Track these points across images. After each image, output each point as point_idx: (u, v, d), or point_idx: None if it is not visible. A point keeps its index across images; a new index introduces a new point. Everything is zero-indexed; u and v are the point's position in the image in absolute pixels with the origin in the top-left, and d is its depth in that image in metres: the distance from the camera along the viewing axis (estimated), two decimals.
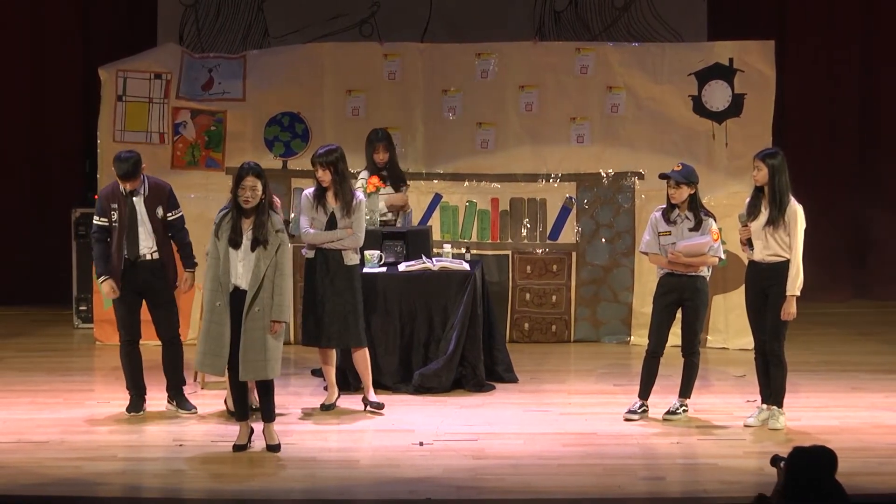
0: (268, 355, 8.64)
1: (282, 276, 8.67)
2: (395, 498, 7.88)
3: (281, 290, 8.66)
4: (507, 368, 10.70)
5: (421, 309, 10.38)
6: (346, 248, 9.66)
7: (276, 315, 8.65)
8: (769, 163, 9.28)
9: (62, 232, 13.05)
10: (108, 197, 9.66)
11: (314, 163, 9.68)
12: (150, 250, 9.65)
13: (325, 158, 9.61)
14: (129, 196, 9.61)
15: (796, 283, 9.22)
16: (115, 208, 9.60)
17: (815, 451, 6.07)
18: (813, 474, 5.99)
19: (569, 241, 12.22)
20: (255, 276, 8.60)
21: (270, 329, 8.63)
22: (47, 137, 13.93)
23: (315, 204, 9.66)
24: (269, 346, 8.64)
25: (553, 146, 12.15)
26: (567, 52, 12.34)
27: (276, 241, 8.65)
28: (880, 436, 9.13)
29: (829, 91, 13.97)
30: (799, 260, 9.22)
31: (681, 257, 9.38)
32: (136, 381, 9.76)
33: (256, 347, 8.61)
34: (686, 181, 9.42)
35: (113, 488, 8.10)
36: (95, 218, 9.69)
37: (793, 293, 9.22)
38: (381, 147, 11.06)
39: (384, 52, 12.35)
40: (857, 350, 11.87)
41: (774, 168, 9.26)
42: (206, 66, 12.25)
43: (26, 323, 13.08)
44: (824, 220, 13.60)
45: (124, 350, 9.76)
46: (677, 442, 9.05)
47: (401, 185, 11.14)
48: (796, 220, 9.23)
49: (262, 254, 8.60)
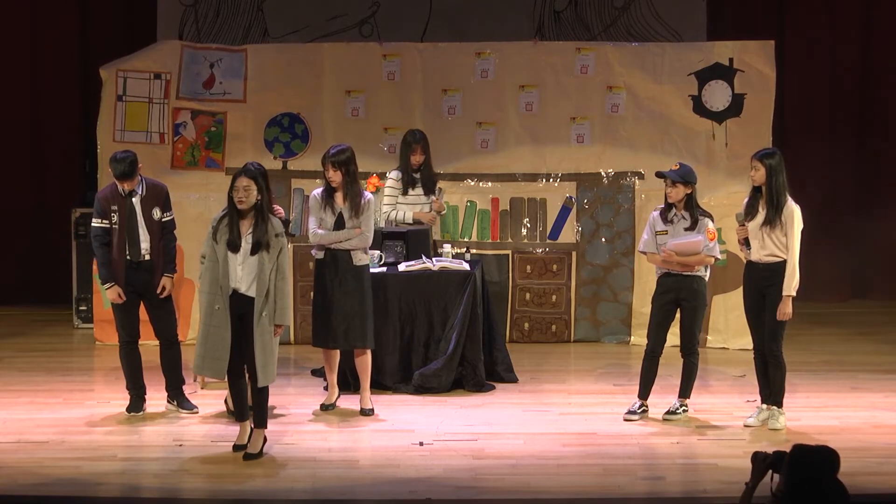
0: (273, 360, 8.66)
1: (283, 280, 8.67)
2: (395, 498, 7.88)
3: (283, 294, 8.65)
4: (507, 368, 10.71)
5: (421, 309, 10.39)
6: (355, 248, 9.64)
7: (279, 319, 8.66)
8: (767, 163, 9.28)
9: (62, 232, 13.05)
10: (108, 198, 9.63)
11: (325, 162, 9.62)
12: (147, 251, 9.64)
13: (336, 158, 9.57)
14: (128, 197, 9.60)
15: (792, 283, 9.22)
16: (115, 210, 9.58)
17: (817, 450, 6.07)
18: (814, 473, 5.99)
19: (569, 240, 12.22)
20: (262, 282, 8.57)
21: (273, 333, 8.64)
22: (47, 137, 13.93)
23: (323, 204, 9.63)
24: (272, 351, 8.66)
25: (553, 146, 12.15)
26: (567, 51, 12.35)
27: (278, 244, 8.63)
28: (880, 436, 9.13)
29: (829, 91, 13.97)
30: (795, 260, 9.23)
31: (673, 256, 9.39)
32: (136, 381, 9.75)
33: (267, 352, 8.63)
34: (682, 180, 9.43)
35: (113, 488, 8.10)
36: (95, 220, 9.63)
37: (789, 293, 9.22)
38: (419, 149, 11.08)
39: (383, 53, 12.35)
40: (857, 350, 11.87)
41: (772, 168, 9.26)
42: (207, 58, 12.24)
43: (26, 323, 13.08)
44: (824, 219, 13.62)
45: (124, 350, 9.76)
46: (677, 442, 9.05)
47: (433, 190, 11.16)
48: (793, 220, 9.23)
49: (266, 258, 8.58)
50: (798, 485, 6.00)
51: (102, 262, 9.63)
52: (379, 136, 12.27)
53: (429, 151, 11.22)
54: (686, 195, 9.46)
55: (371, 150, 12.19)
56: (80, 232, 12.67)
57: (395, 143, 12.20)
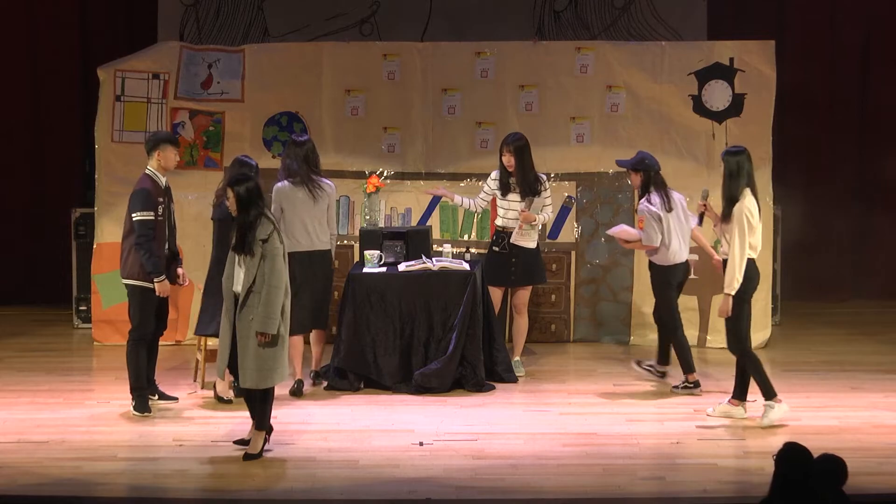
0: (258, 364, 8.58)
1: (268, 287, 8.56)
2: (395, 498, 7.88)
3: (266, 302, 8.54)
4: (507, 368, 10.70)
5: (421, 309, 10.38)
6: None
7: (259, 326, 8.56)
8: (726, 159, 9.44)
9: (62, 232, 13.04)
10: (153, 191, 9.65)
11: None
12: (174, 243, 9.84)
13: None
14: (166, 190, 9.66)
15: (732, 281, 9.30)
16: (161, 202, 9.64)
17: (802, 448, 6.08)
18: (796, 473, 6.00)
19: (568, 240, 12.22)
20: (245, 284, 8.59)
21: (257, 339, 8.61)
22: (47, 137, 13.92)
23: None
24: (259, 355, 8.57)
25: (553, 146, 12.14)
26: (567, 51, 12.34)
27: (260, 251, 8.57)
28: (880, 436, 9.13)
29: (829, 91, 13.96)
30: (736, 260, 9.28)
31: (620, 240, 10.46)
32: (143, 380, 9.73)
33: (247, 355, 8.59)
34: (633, 168, 10.27)
35: (113, 488, 8.10)
36: (144, 214, 9.56)
37: (727, 291, 9.32)
38: (506, 150, 10.81)
39: (383, 52, 12.35)
40: (857, 350, 11.87)
41: (728, 167, 9.38)
42: (206, 59, 12.24)
43: (26, 323, 13.07)
44: (824, 219, 13.63)
45: (141, 345, 9.70)
46: (677, 442, 9.05)
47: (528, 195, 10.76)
48: (739, 219, 9.28)
49: (249, 262, 8.58)
50: (784, 485, 6.01)
51: (154, 254, 9.61)
52: (378, 136, 12.26)
53: (523, 155, 10.78)
54: (642, 181, 10.23)
55: (371, 149, 12.19)
56: (80, 232, 12.67)
57: (394, 142, 12.20)
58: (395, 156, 12.24)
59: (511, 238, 10.78)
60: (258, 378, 8.60)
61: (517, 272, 10.79)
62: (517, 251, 10.78)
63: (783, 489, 6.03)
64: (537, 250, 10.91)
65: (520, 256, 10.78)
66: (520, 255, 10.78)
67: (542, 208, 10.81)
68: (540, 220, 10.80)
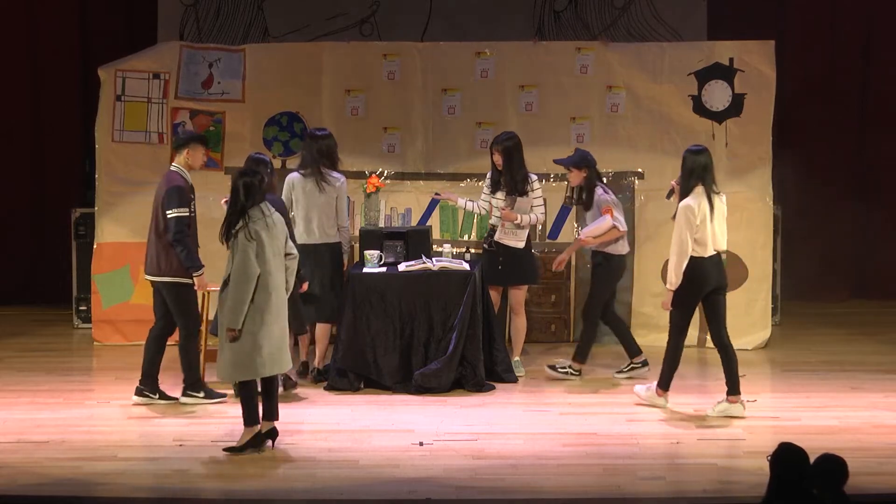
0: (232, 359, 8.61)
1: (232, 283, 8.56)
2: (395, 498, 7.88)
3: (228, 297, 8.56)
4: (507, 368, 10.70)
5: (421, 309, 10.38)
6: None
7: (225, 321, 8.61)
8: (685, 156, 9.52)
9: (62, 232, 13.04)
10: (186, 188, 9.69)
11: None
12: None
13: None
14: (192, 187, 9.72)
15: (670, 276, 9.44)
16: (192, 199, 9.69)
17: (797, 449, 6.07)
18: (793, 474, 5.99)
19: (568, 240, 12.20)
20: (224, 277, 8.63)
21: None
22: (47, 137, 13.92)
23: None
24: (232, 349, 8.60)
25: (553, 146, 12.13)
26: (567, 51, 12.34)
27: (233, 245, 8.56)
28: (880, 436, 9.12)
29: (829, 90, 13.96)
30: (672, 255, 9.42)
31: (590, 241, 10.51)
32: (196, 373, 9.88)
33: (223, 349, 8.66)
34: (576, 165, 10.48)
35: (113, 488, 8.10)
36: (180, 210, 9.60)
37: (667, 287, 9.48)
38: (495, 149, 10.78)
39: (383, 52, 12.35)
40: (857, 350, 11.87)
41: (685, 164, 9.48)
42: (206, 58, 12.24)
43: (26, 323, 13.07)
44: (824, 219, 13.63)
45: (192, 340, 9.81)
46: (677, 442, 9.05)
47: (512, 193, 10.71)
48: (679, 216, 9.38)
49: (229, 255, 8.63)
50: (780, 486, 6.01)
51: (191, 250, 9.66)
52: (378, 136, 12.26)
53: (511, 154, 10.71)
54: (586, 178, 10.43)
55: (371, 149, 12.19)
56: (80, 232, 12.66)
57: (394, 142, 12.20)
58: (395, 156, 12.25)
59: (496, 236, 10.78)
60: (231, 372, 8.66)
61: (504, 271, 10.76)
62: (503, 250, 10.76)
63: (779, 490, 6.02)
64: (526, 251, 10.84)
65: (506, 255, 10.76)
66: (506, 255, 10.76)
67: (530, 208, 10.78)
68: (526, 221, 10.73)
